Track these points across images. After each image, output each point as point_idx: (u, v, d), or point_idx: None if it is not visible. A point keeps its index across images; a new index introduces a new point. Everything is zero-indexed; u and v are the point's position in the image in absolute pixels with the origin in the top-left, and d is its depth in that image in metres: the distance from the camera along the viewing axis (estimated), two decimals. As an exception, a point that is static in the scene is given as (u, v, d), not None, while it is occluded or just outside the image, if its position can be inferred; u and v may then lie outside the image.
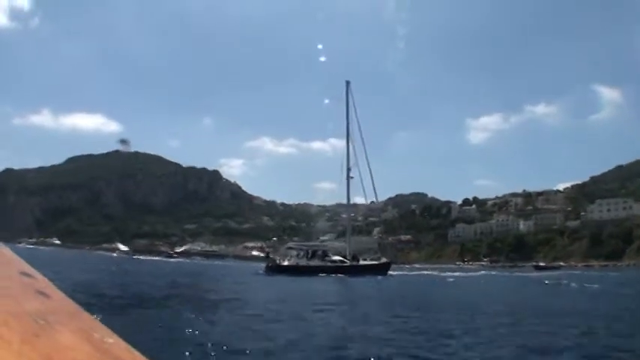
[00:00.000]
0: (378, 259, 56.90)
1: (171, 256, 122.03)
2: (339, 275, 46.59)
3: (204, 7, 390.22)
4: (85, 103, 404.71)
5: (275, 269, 50.48)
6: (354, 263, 53.84)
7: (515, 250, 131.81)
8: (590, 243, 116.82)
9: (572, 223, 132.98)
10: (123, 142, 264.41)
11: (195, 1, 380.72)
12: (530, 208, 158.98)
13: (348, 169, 61.19)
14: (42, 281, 1.26)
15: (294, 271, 48.78)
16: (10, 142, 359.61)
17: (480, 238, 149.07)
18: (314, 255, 55.05)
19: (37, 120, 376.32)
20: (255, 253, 73.56)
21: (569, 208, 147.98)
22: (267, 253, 59.18)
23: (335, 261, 53.53)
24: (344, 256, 55.43)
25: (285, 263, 52.44)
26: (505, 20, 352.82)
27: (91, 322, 1.04)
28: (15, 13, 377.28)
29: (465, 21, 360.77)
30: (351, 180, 60.42)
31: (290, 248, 57.82)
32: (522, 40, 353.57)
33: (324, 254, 55.87)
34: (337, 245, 62.49)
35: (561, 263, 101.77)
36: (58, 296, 1.15)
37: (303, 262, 52.96)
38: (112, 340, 0.97)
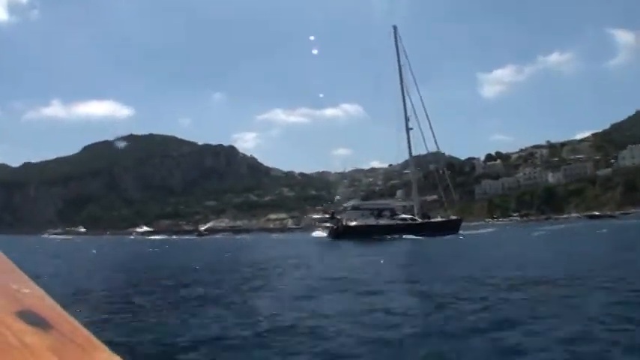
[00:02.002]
0: (447, 216, 54.08)
1: (201, 234, 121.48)
2: (412, 236, 42.71)
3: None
4: (94, 91, 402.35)
5: (342, 232, 46.52)
6: (425, 221, 50.56)
7: (545, 202, 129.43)
8: (624, 190, 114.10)
9: (603, 172, 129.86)
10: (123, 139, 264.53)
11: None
12: (556, 159, 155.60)
13: (407, 119, 57.65)
14: None
15: (363, 232, 45.20)
16: (25, 136, 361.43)
17: (508, 193, 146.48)
18: (380, 214, 51.36)
19: (49, 112, 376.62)
20: (316, 216, 68.84)
21: (598, 157, 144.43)
22: (333, 213, 53.36)
23: (405, 219, 50.42)
24: (412, 215, 52.48)
25: (353, 223, 48.57)
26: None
27: (18, 276, 1.03)
28: (13, 7, 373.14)
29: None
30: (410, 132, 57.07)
31: (355, 208, 53.82)
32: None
33: (393, 213, 52.45)
34: (402, 204, 59.93)
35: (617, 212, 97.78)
36: None
37: (372, 221, 49.32)
38: (29, 290, 0.94)
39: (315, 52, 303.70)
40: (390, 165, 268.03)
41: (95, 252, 39.76)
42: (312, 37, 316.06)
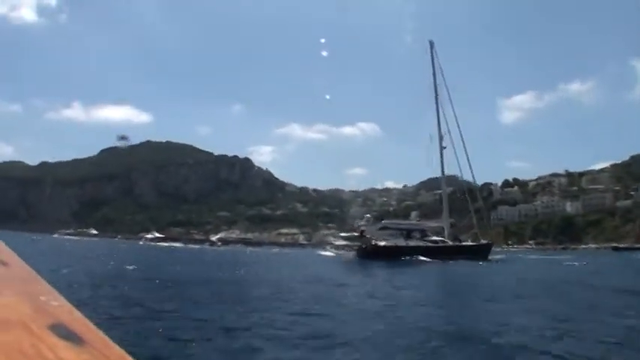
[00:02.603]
0: (477, 239, 52.72)
1: (214, 244, 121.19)
2: (438, 260, 41.46)
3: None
4: (114, 95, 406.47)
5: (371, 252, 45.01)
6: (457, 244, 49.23)
7: (562, 231, 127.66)
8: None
9: (623, 203, 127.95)
10: (122, 138, 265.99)
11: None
12: (575, 188, 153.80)
13: (440, 137, 56.43)
14: (5, 252, 1.27)
15: (392, 253, 43.86)
16: (44, 135, 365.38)
17: (524, 220, 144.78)
18: (410, 235, 50.07)
19: (69, 113, 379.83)
20: (343, 234, 66.79)
21: (617, 188, 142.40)
22: (362, 232, 50.54)
23: (436, 241, 48.95)
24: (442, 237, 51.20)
25: (382, 243, 46.79)
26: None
27: (44, 287, 1.04)
28: (42, 9, 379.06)
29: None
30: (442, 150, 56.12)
31: (384, 228, 51.90)
32: (553, 16, 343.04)
33: (423, 234, 50.82)
34: (433, 225, 57.51)
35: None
36: (17, 265, 1.16)
37: (402, 242, 47.71)
38: (57, 303, 0.95)
39: (324, 53, 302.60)
40: (405, 186, 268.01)
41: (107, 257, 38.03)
42: (324, 53, 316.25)
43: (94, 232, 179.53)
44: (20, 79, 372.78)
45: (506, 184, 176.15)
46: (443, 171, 57.72)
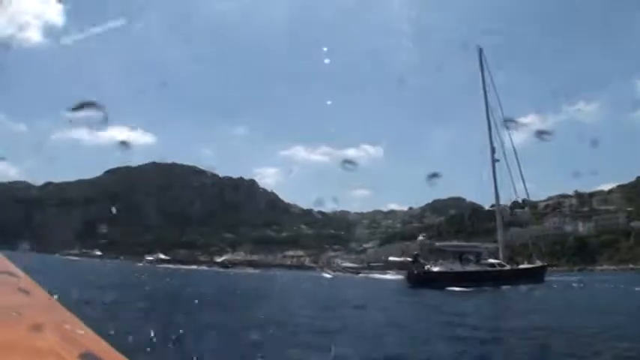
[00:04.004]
0: (531, 261, 49.50)
1: (226, 267, 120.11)
2: (507, 286, 38.40)
3: (237, 15, 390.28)
4: (119, 116, 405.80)
5: (424, 279, 41.31)
6: (514, 267, 45.87)
7: (575, 253, 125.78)
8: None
9: (638, 224, 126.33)
10: (123, 143, 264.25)
11: (228, 10, 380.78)
12: (586, 209, 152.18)
13: (493, 150, 52.95)
14: (24, 279, 1.24)
15: (448, 280, 39.86)
16: (49, 156, 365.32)
17: (535, 242, 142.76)
18: (464, 258, 46.23)
19: (74, 134, 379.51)
20: (392, 259, 63.58)
21: (630, 209, 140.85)
22: (416, 256, 47.21)
23: (493, 265, 45.43)
24: (496, 258, 47.97)
25: (437, 269, 43.77)
26: (535, 17, 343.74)
27: (66, 315, 1.01)
28: (49, 30, 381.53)
29: (494, 18, 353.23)
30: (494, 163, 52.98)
31: (440, 250, 49.61)
32: (555, 37, 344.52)
33: (478, 257, 47.02)
34: (487, 246, 54.89)
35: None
36: (38, 293, 1.14)
37: (457, 267, 44.23)
38: (83, 331, 0.93)
39: (327, 61, 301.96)
40: (410, 208, 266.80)
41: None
42: (327, 61, 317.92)
43: (98, 253, 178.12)
44: (26, 99, 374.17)
45: (516, 205, 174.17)
46: (496, 185, 54.07)
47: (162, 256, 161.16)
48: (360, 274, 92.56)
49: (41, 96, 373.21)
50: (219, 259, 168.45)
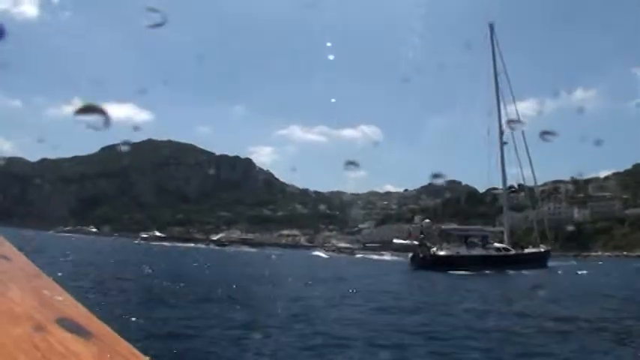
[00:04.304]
0: (537, 245, 49.14)
1: (223, 245, 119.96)
2: (511, 271, 37.82)
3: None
4: (116, 93, 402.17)
5: (429, 262, 40.53)
6: (519, 252, 45.39)
7: (570, 239, 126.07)
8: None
9: (633, 211, 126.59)
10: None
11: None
12: (581, 195, 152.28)
13: (501, 132, 51.95)
14: (7, 247, 1.29)
15: (454, 264, 39.26)
16: (44, 132, 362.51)
17: (531, 227, 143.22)
18: (470, 242, 45.27)
19: (70, 110, 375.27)
20: (397, 241, 61.72)
21: (626, 196, 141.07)
22: (423, 238, 45.24)
23: (499, 249, 44.92)
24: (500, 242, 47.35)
25: (442, 253, 42.67)
26: (537, 2, 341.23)
27: (47, 282, 1.05)
28: (44, 5, 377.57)
29: (496, 3, 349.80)
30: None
31: (447, 233, 47.82)
32: (555, 23, 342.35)
33: (485, 241, 46.08)
34: (492, 230, 53.81)
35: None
36: (20, 260, 1.19)
37: (464, 251, 43.33)
38: (62, 297, 0.95)
39: (331, 57, 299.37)
40: (406, 190, 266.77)
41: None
42: (331, 57, 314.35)
43: (94, 229, 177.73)
44: (21, 74, 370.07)
45: (511, 189, 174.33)
46: (503, 168, 53.87)
47: (157, 234, 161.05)
48: (358, 255, 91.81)
49: (36, 71, 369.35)
50: (214, 237, 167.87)
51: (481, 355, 9.23)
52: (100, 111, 1.92)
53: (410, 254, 46.09)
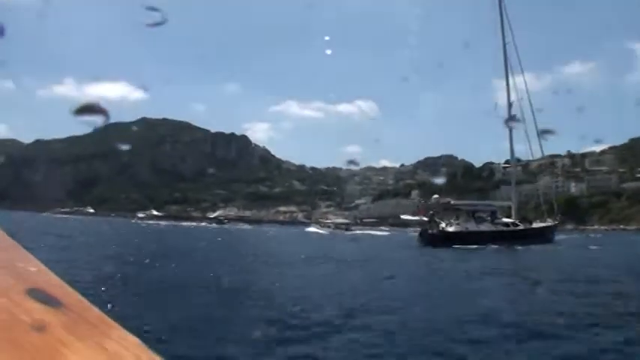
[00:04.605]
0: (544, 219, 48.06)
1: (222, 223, 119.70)
2: (510, 245, 37.18)
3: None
4: (108, 72, 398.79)
5: (438, 238, 39.68)
6: (527, 226, 44.52)
7: (566, 213, 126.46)
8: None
9: (630, 185, 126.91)
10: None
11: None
12: (578, 169, 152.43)
13: (510, 105, 50.22)
14: None
15: (463, 239, 38.56)
16: (38, 113, 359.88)
17: (527, 201, 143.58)
18: (478, 217, 44.28)
19: (62, 90, 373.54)
20: (405, 216, 60.01)
21: (623, 170, 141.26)
22: (433, 215, 43.81)
23: (507, 224, 44.10)
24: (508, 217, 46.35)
25: (452, 229, 41.83)
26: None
27: (22, 254, 1.05)
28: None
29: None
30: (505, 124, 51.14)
31: (456, 208, 46.25)
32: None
33: (494, 216, 45.10)
34: (501, 204, 52.86)
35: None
36: None
37: (473, 226, 42.52)
38: (36, 269, 0.96)
39: (328, 52, 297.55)
40: (402, 165, 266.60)
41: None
42: (328, 52, 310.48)
43: (91, 210, 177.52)
44: (12, 55, 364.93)
45: (508, 164, 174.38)
46: (511, 142, 51.93)
47: (155, 212, 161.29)
48: (355, 231, 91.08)
49: (28, 52, 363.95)
50: (212, 215, 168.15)
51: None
52: (98, 110, 1.95)
53: (410, 229, 45.53)
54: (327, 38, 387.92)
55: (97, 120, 2.05)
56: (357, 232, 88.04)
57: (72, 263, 16.18)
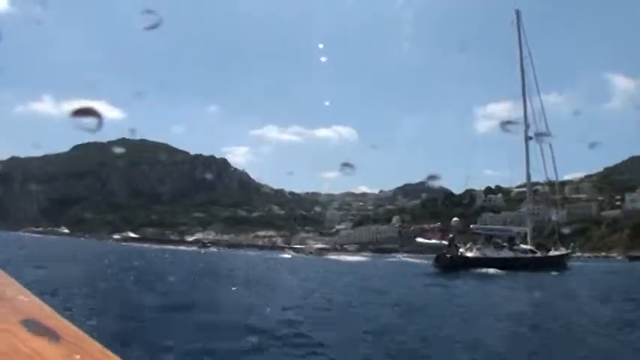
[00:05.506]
0: (557, 246, 47.15)
1: (205, 246, 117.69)
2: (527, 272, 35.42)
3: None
4: (87, 90, 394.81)
5: (457, 264, 38.42)
6: (544, 254, 43.43)
7: (546, 239, 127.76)
8: (633, 233, 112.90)
9: (610, 213, 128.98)
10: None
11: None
12: (558, 197, 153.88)
13: (527, 126, 49.17)
14: None
15: (481, 266, 37.69)
16: (14, 130, 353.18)
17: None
18: (495, 242, 43.23)
19: (40, 107, 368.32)
20: (421, 240, 57.75)
21: (601, 198, 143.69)
22: (452, 239, 42.67)
23: (526, 251, 43.09)
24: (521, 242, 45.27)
25: (470, 254, 40.93)
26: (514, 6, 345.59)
27: (9, 282, 1.01)
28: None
29: (473, 7, 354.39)
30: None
31: (475, 233, 45.41)
32: (529, 28, 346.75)
33: (512, 242, 43.91)
34: (517, 229, 51.45)
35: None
36: None
37: (491, 252, 41.40)
38: (26, 298, 0.92)
39: (323, 59, 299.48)
40: (381, 191, 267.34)
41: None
42: (323, 59, 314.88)
43: (66, 230, 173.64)
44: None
45: (489, 191, 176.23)
46: (528, 164, 51.09)
47: (131, 235, 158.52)
48: (332, 257, 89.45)
49: (3, 65, 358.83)
50: (190, 239, 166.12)
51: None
52: (95, 113, 1.96)
53: (393, 255, 44.58)
54: (320, 46, 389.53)
55: (92, 123, 2.08)
56: (338, 257, 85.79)
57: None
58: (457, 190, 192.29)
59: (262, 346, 8.93)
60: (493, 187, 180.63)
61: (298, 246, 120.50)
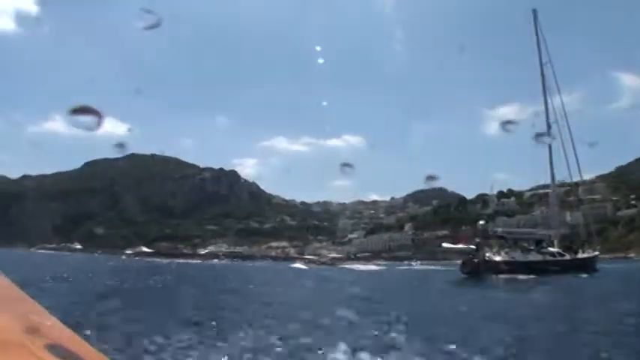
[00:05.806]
0: (584, 248, 47.21)
1: (218, 257, 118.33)
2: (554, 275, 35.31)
3: (216, 4, 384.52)
4: (96, 107, 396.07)
5: (484, 268, 38.43)
6: (573, 256, 43.58)
7: (561, 241, 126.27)
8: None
9: (626, 212, 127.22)
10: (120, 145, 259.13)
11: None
12: (572, 198, 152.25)
13: (548, 127, 49.05)
14: None
15: (509, 270, 37.46)
16: (26, 149, 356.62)
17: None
18: (522, 246, 43.51)
19: (51, 126, 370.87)
20: (447, 245, 57.48)
21: (616, 198, 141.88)
22: (479, 244, 42.01)
23: (554, 254, 43.07)
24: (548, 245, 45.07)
25: (499, 258, 40.74)
26: (519, 6, 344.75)
27: (33, 306, 0.99)
28: (22, 19, 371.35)
29: (478, 8, 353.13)
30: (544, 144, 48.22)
31: (500, 237, 45.58)
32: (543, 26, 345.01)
33: (540, 245, 44.36)
34: (545, 232, 51.40)
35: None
36: (3, 283, 1.14)
37: (519, 256, 41.39)
38: (50, 322, 0.92)
39: (320, 61, 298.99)
40: (392, 198, 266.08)
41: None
42: (320, 60, 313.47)
43: (79, 246, 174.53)
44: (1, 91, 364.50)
45: (502, 194, 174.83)
46: (552, 166, 51.72)
47: (144, 249, 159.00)
48: (346, 265, 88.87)
49: (15, 87, 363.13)
50: (202, 252, 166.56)
51: None
52: (93, 112, 1.95)
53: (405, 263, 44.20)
54: (318, 48, 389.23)
55: (92, 121, 2.04)
56: (354, 266, 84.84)
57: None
58: (469, 194, 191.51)
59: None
60: (505, 190, 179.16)
61: (310, 256, 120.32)
